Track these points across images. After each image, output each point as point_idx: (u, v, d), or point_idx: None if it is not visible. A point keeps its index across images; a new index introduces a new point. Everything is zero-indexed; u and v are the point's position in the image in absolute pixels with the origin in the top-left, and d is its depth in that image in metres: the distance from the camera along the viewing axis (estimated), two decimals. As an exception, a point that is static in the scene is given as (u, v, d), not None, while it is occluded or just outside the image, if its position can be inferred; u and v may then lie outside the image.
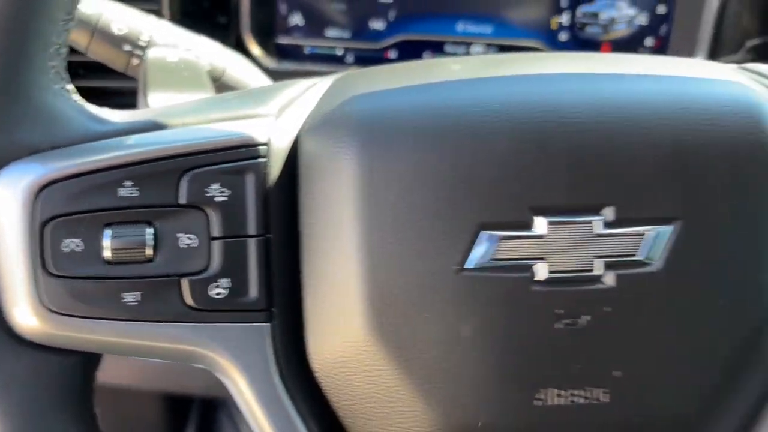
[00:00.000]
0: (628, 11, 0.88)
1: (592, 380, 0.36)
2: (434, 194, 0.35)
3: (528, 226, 0.35)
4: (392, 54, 0.91)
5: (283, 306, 0.38)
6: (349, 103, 0.38)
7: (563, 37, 0.89)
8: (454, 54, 0.90)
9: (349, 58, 0.91)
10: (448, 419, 0.37)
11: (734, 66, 0.44)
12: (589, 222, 0.35)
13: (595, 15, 0.88)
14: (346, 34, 0.90)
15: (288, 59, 0.90)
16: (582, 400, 0.36)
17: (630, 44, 0.90)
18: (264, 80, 0.65)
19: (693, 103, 0.36)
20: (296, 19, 0.90)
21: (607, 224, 0.35)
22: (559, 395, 0.36)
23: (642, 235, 0.35)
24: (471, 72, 0.40)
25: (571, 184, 0.35)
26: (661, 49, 0.90)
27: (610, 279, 0.35)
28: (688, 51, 0.87)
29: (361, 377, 0.37)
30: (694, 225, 0.35)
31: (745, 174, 0.36)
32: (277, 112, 0.40)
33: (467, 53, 0.91)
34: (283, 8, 0.90)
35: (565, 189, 0.35)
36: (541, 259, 0.35)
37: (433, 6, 0.89)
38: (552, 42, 0.89)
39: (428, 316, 0.36)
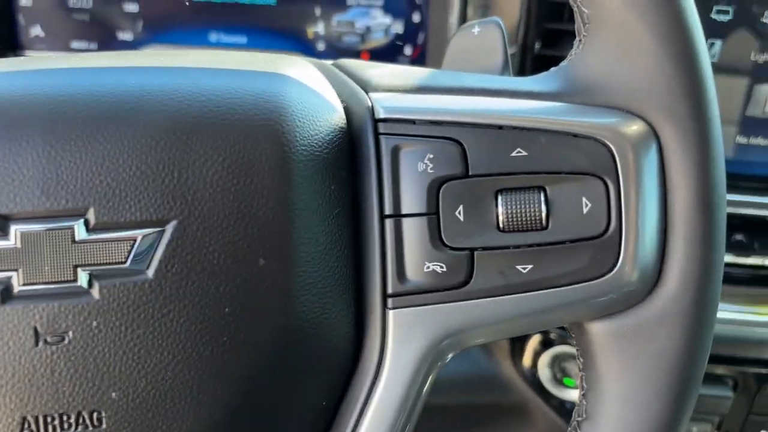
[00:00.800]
0: (383, 20, 0.87)
1: (86, 404, 0.32)
2: None
3: (1, 235, 0.32)
4: (144, 66, 0.87)
5: None
6: None
7: (321, 46, 0.87)
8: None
9: (99, 71, 0.87)
10: None
11: (328, 62, 0.42)
12: (69, 228, 0.32)
13: (350, 24, 0.87)
14: (93, 46, 0.86)
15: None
16: (78, 427, 0.32)
17: (389, 53, 0.89)
18: None
19: (200, 96, 0.34)
20: (37, 31, 0.85)
21: (91, 230, 0.32)
22: (48, 423, 0.32)
23: (133, 240, 0.32)
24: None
25: (45, 188, 0.32)
26: (420, 56, 0.89)
27: (95, 291, 0.32)
28: (442, 58, 0.87)
29: None
30: (191, 228, 0.32)
31: (253, 171, 0.33)
32: None
33: (223, 64, 0.88)
34: (21, 19, 0.84)
35: (38, 194, 0.32)
36: (16, 270, 0.32)
37: (183, 16, 0.86)
38: (310, 52, 0.87)
39: None
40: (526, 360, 0.85)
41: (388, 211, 0.36)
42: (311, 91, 0.37)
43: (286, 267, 0.34)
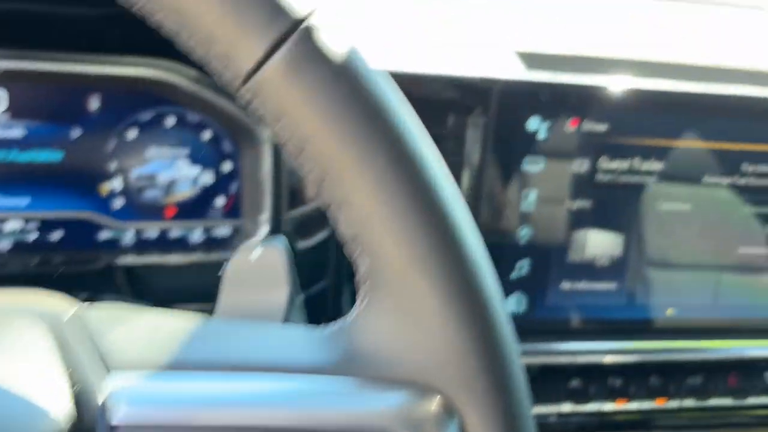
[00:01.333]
0: (190, 171, 0.79)
1: None
2: None
3: None
4: None
5: None
6: None
7: (118, 204, 0.78)
8: (-20, 234, 0.75)
9: None
10: None
11: (71, 309, 0.34)
12: None
13: (151, 178, 0.78)
14: None
15: None
16: None
17: (198, 205, 0.81)
18: None
19: None
20: None
21: None
22: None
23: None
24: None
25: None
26: (234, 207, 0.82)
27: None
28: (258, 208, 0.80)
29: None
30: None
31: None
32: None
33: (0, 231, 0.76)
34: None
35: None
36: None
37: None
38: (106, 211, 0.77)
39: None
40: None
41: None
42: (16, 395, 0.28)
43: None
